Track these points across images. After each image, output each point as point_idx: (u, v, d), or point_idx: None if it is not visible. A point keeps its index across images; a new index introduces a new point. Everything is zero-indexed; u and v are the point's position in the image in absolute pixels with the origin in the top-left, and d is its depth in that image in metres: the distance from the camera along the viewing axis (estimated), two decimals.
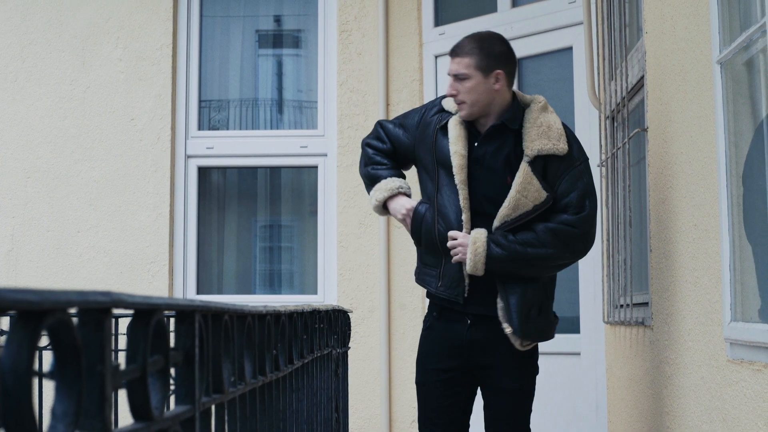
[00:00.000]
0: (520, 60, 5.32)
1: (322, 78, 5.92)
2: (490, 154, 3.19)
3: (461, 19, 5.55)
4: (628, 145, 3.99)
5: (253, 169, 6.11)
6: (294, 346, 2.13)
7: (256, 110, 6.16)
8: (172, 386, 1.21)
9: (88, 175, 5.82)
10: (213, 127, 6.08)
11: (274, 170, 6.09)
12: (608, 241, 4.32)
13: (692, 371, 2.91)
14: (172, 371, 1.18)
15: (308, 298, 5.78)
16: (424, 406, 3.29)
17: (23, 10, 5.92)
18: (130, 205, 5.78)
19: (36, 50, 5.91)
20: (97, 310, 0.86)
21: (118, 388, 0.94)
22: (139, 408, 1.01)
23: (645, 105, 3.64)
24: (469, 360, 3.22)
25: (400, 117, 3.41)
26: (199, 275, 5.90)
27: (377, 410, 5.59)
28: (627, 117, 4.03)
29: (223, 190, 6.17)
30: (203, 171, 5.97)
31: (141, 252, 5.75)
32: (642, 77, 3.75)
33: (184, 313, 1.22)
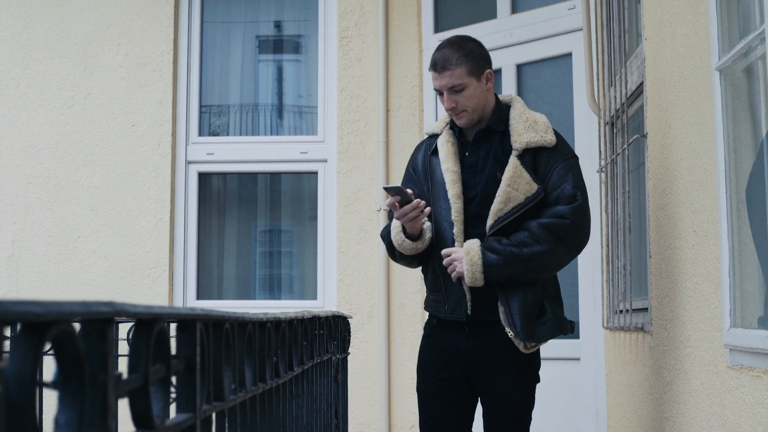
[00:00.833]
0: (520, 66, 5.34)
1: (322, 84, 5.93)
2: (483, 159, 3.20)
3: (461, 26, 5.56)
4: (627, 151, 3.99)
5: (253, 174, 6.12)
6: (294, 353, 2.14)
7: (256, 116, 6.17)
8: (173, 394, 1.21)
9: (89, 180, 5.82)
10: (213, 132, 6.09)
11: (274, 176, 6.10)
12: (608, 246, 4.33)
13: (692, 377, 2.92)
14: (174, 379, 1.18)
15: (308, 304, 5.78)
16: (425, 413, 3.28)
17: (25, 16, 5.94)
18: (131, 211, 5.78)
19: (38, 57, 5.92)
20: (100, 320, 0.87)
21: (121, 397, 0.95)
22: (141, 417, 1.02)
23: (644, 111, 3.65)
24: (467, 368, 3.21)
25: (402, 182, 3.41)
26: (199, 281, 5.90)
27: (377, 416, 5.59)
28: (626, 123, 4.04)
29: (223, 196, 6.18)
30: (203, 177, 5.98)
31: (141, 257, 5.75)
32: (641, 83, 3.75)
33: (185, 322, 1.22)
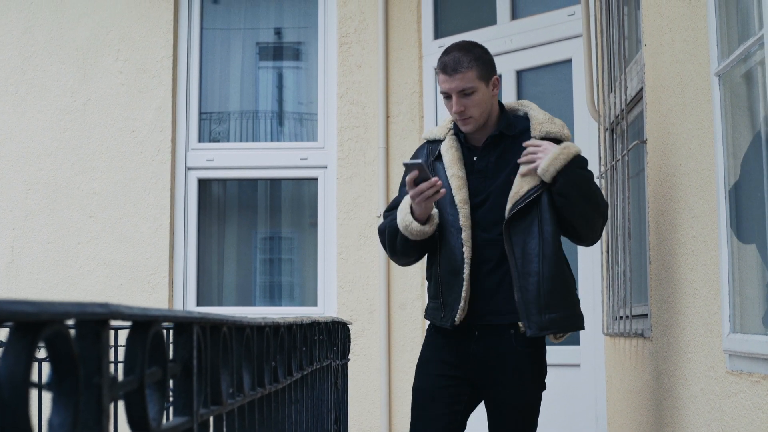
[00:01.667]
0: (520, 72, 5.34)
1: (322, 90, 5.94)
2: (494, 164, 3.15)
3: (461, 32, 5.56)
4: (627, 157, 3.99)
5: (253, 181, 6.12)
6: (293, 358, 2.13)
7: (256, 122, 6.17)
8: (170, 398, 1.21)
9: (89, 186, 5.82)
10: (213, 139, 6.09)
11: (274, 182, 6.10)
12: (607, 252, 4.32)
13: (691, 383, 2.91)
14: (171, 383, 1.18)
15: (308, 310, 5.78)
16: (420, 412, 3.18)
17: (24, 22, 5.94)
18: (131, 217, 5.78)
19: (37, 63, 5.92)
20: (95, 321, 0.87)
21: (116, 399, 0.94)
22: (136, 420, 1.01)
23: (644, 117, 3.65)
24: (474, 373, 3.14)
25: (399, 192, 3.35)
26: (199, 287, 5.90)
27: (377, 422, 5.59)
28: (626, 129, 4.04)
29: (223, 202, 6.18)
30: (203, 183, 5.98)
31: (141, 264, 5.75)
32: (641, 89, 3.76)
33: (182, 325, 1.22)
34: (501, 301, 3.11)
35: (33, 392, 0.76)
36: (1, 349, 0.77)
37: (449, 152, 3.19)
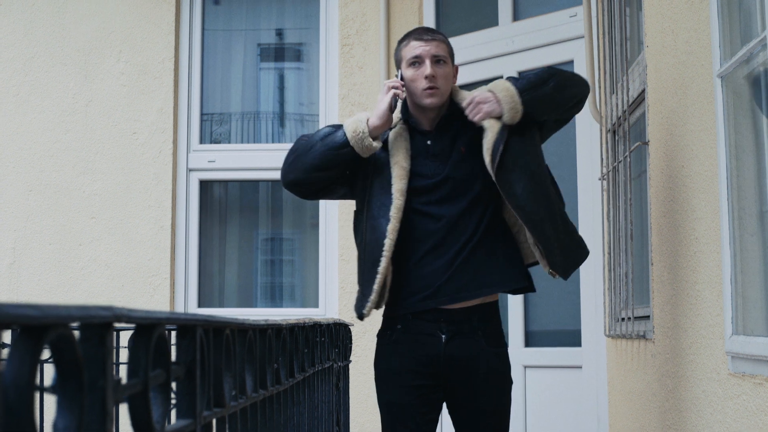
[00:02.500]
0: (521, 73, 5.34)
1: (323, 91, 5.94)
2: (449, 146, 3.06)
3: (463, 33, 5.56)
4: (629, 159, 3.99)
5: (255, 182, 6.12)
6: (295, 360, 2.13)
7: (257, 123, 6.18)
8: (174, 400, 1.21)
9: (90, 188, 5.83)
10: (215, 140, 6.09)
11: (276, 184, 6.10)
12: (609, 254, 4.32)
13: (694, 385, 2.91)
14: (174, 385, 1.18)
15: (309, 311, 5.78)
16: (399, 427, 3.05)
17: (26, 23, 5.94)
18: (132, 219, 5.78)
19: (38, 64, 5.92)
20: (99, 324, 0.87)
21: (120, 402, 0.94)
22: (140, 422, 1.01)
23: (646, 118, 3.65)
24: (446, 378, 3.03)
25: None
26: (201, 288, 5.90)
27: (378, 424, 5.58)
28: (628, 130, 4.04)
29: (224, 204, 6.18)
30: (205, 184, 5.98)
31: (142, 265, 5.75)
32: (643, 91, 3.75)
33: (185, 328, 1.22)
34: (487, 272, 3.02)
35: (35, 394, 0.75)
36: (4, 350, 0.77)
37: (397, 140, 3.07)
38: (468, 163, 3.06)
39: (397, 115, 3.11)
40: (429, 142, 3.08)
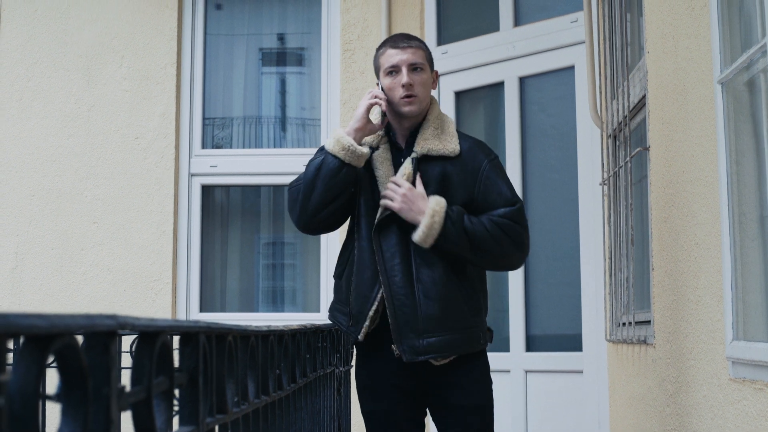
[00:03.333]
0: (523, 78, 5.35)
1: (325, 96, 5.95)
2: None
3: (463, 38, 5.57)
4: (630, 164, 4.00)
5: (257, 187, 6.13)
6: (297, 366, 2.14)
7: (259, 128, 6.18)
8: (176, 407, 1.21)
9: (92, 193, 5.83)
10: (216, 145, 6.10)
11: (278, 188, 6.10)
12: (610, 259, 4.33)
13: (694, 390, 2.92)
14: (176, 392, 1.19)
15: (311, 316, 5.78)
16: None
17: (29, 29, 5.96)
18: (134, 223, 5.79)
19: (41, 69, 5.94)
20: (103, 333, 0.88)
21: (124, 410, 0.95)
22: (143, 429, 1.02)
23: (647, 124, 3.66)
24: (418, 380, 3.01)
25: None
26: (203, 293, 5.91)
27: None
28: (629, 136, 4.05)
29: (226, 208, 6.19)
30: (207, 189, 5.99)
31: (144, 270, 5.76)
32: (644, 96, 3.76)
33: (188, 335, 1.23)
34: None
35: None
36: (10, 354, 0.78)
37: (384, 164, 3.04)
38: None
39: (378, 135, 3.08)
40: (402, 159, 3.05)
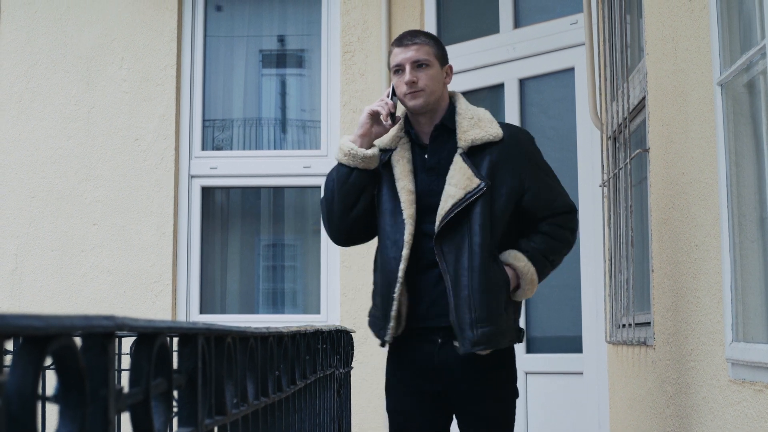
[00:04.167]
0: (523, 80, 5.35)
1: (325, 98, 5.95)
2: (446, 159, 3.02)
3: (463, 40, 5.58)
4: (629, 166, 4.00)
5: (257, 188, 6.13)
6: (296, 367, 2.14)
7: (259, 130, 6.18)
8: (175, 409, 1.21)
9: (92, 194, 5.83)
10: (216, 146, 6.10)
11: (278, 190, 6.11)
12: (610, 260, 4.33)
13: (694, 391, 2.92)
14: (175, 393, 1.19)
15: (311, 318, 5.78)
16: None
17: (28, 30, 5.96)
18: (134, 225, 5.79)
19: (41, 71, 5.94)
20: (101, 334, 0.87)
21: (122, 411, 0.95)
22: (142, 431, 1.02)
23: (646, 125, 3.66)
24: (445, 384, 3.00)
25: None
26: (203, 295, 5.90)
27: (380, 430, 5.58)
28: (628, 137, 4.05)
29: (226, 210, 6.19)
30: (207, 191, 5.99)
31: (144, 271, 5.76)
32: (643, 98, 3.76)
33: (187, 336, 1.22)
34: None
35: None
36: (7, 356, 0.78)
37: (400, 162, 3.05)
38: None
39: (398, 135, 3.11)
40: (426, 156, 3.06)
